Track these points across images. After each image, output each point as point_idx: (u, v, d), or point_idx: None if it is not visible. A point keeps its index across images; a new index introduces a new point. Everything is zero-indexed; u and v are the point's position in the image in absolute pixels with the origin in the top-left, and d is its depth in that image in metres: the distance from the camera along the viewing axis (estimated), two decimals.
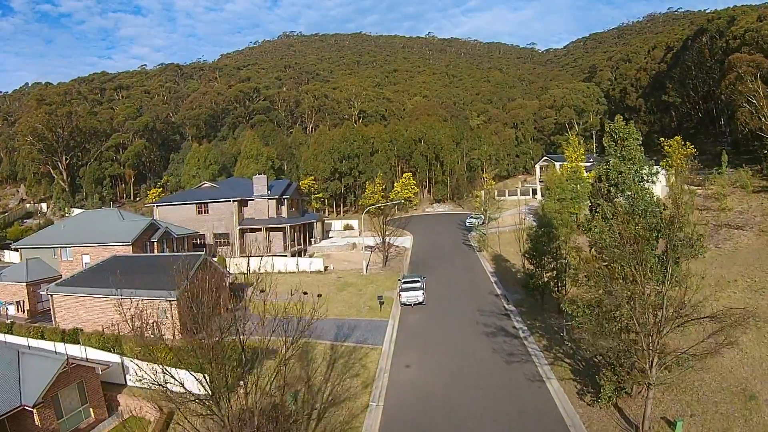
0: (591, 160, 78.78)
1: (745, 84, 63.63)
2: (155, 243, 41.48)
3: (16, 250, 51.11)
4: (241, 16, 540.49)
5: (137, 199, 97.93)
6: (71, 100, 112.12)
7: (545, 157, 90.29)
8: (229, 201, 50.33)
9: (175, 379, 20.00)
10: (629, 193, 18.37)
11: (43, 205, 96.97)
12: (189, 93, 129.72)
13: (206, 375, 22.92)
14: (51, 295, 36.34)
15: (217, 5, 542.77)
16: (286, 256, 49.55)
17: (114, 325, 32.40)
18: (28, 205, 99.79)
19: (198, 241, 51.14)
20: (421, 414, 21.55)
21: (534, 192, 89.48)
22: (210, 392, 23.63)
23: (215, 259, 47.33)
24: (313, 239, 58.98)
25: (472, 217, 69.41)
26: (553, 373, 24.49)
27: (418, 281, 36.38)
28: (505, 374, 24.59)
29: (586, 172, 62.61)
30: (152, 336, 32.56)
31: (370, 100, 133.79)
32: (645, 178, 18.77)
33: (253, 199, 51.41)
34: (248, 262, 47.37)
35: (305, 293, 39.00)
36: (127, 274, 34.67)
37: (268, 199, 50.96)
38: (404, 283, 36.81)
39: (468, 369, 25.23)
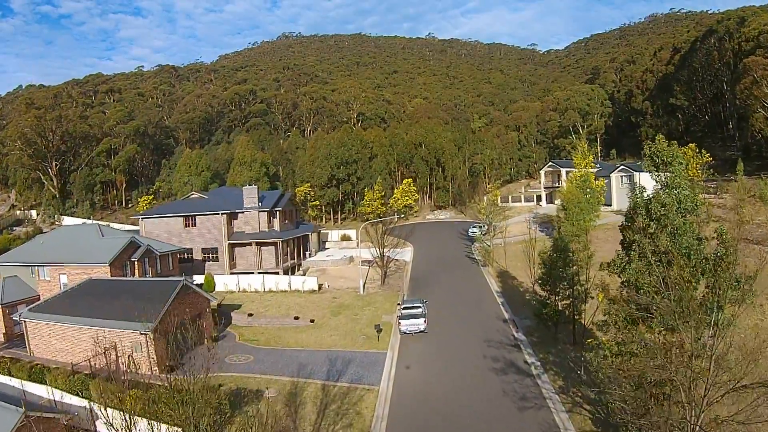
0: (598, 165, 75.77)
1: (760, 88, 60.87)
2: (136, 262, 38.56)
3: None
4: (240, 17, 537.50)
5: (129, 205, 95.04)
6: (61, 103, 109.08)
7: (550, 163, 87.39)
8: (218, 214, 47.40)
9: None
10: (671, 229, 15.48)
11: (33, 212, 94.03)
12: (184, 95, 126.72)
13: (180, 428, 20.09)
14: (24, 322, 33.64)
15: (216, 6, 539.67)
16: (278, 273, 46.66)
17: (86, 360, 29.56)
18: (18, 212, 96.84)
19: (186, 256, 48.25)
20: None
21: (539, 198, 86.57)
22: None
23: (202, 277, 44.58)
24: (308, 252, 56.08)
25: (474, 226, 66.51)
26: (572, 423, 21.61)
27: (419, 307, 33.40)
28: (518, 424, 21.69)
29: (595, 179, 59.77)
30: (128, 370, 29.89)
31: (369, 103, 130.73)
32: (689, 210, 15.88)
33: (243, 212, 48.50)
34: (238, 280, 44.65)
35: (297, 318, 36.19)
36: (101, 301, 32.02)
37: (259, 211, 48.03)
38: (404, 309, 33.83)
39: (477, 417, 22.32)
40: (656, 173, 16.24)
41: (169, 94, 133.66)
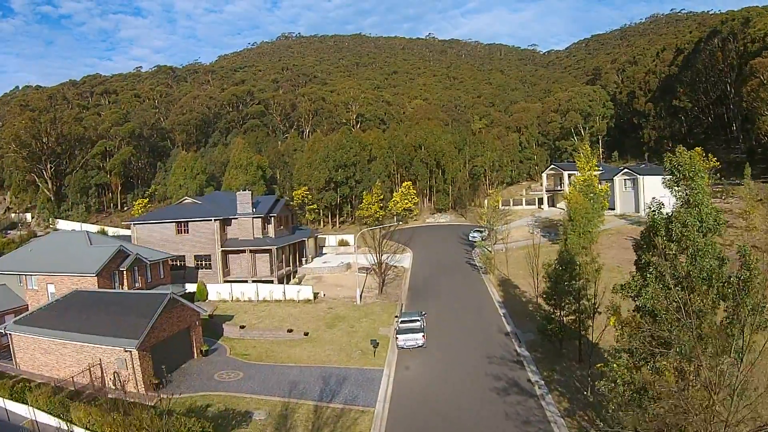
0: (601, 168, 74.45)
1: (767, 91, 59.56)
2: (125, 272, 37.23)
3: None
4: (240, 17, 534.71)
5: (125, 209, 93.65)
6: (56, 105, 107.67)
7: (552, 166, 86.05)
8: (211, 220, 46.05)
9: None
10: (692, 251, 14.12)
11: (28, 215, 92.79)
12: (181, 97, 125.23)
13: None
14: (9, 334, 32.44)
15: (216, 7, 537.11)
16: (272, 281, 45.31)
17: (71, 377, 28.27)
18: (13, 214, 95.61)
19: (178, 263, 46.93)
20: None
21: (540, 201, 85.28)
22: None
23: (195, 286, 43.28)
24: (304, 258, 54.71)
25: (475, 231, 65.21)
26: None
27: (417, 320, 32.06)
28: None
29: (599, 182, 58.44)
30: (113, 387, 28.65)
31: (368, 104, 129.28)
32: (711, 228, 14.52)
33: (236, 218, 47.14)
34: (231, 289, 43.38)
35: (290, 331, 34.84)
36: (86, 314, 30.80)
37: (253, 218, 46.66)
38: (401, 322, 32.46)
39: None
40: (676, 189, 14.87)
41: (166, 95, 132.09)
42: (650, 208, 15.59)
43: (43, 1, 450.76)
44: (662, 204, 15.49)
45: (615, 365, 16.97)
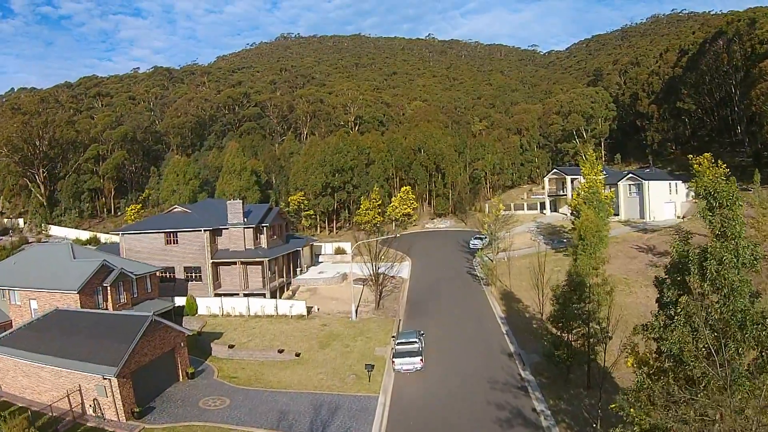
0: (605, 172, 72.62)
1: None
2: (109, 288, 35.47)
3: None
4: (240, 18, 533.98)
5: (118, 214, 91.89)
6: (48, 108, 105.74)
7: (555, 170, 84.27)
8: (200, 230, 44.24)
9: None
10: (727, 291, 12.39)
11: (21, 221, 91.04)
12: (176, 99, 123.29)
13: None
14: None
15: (216, 7, 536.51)
16: (264, 294, 43.52)
17: (49, 404, 26.53)
18: (5, 220, 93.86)
19: (167, 275, 45.16)
20: None
21: (542, 206, 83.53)
22: None
23: (185, 299, 41.55)
24: (299, 269, 52.92)
25: (476, 238, 63.50)
26: None
27: (415, 342, 30.28)
28: None
29: (604, 188, 56.63)
30: (93, 415, 26.97)
31: (367, 105, 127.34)
32: (747, 264, 12.80)
33: (227, 228, 45.34)
34: (221, 303, 41.65)
35: (281, 351, 33.05)
36: (66, 335, 29.11)
37: (245, 228, 44.84)
38: (398, 344, 30.66)
39: None
40: (710, 217, 13.11)
41: (161, 97, 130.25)
42: (677, 241, 13.78)
43: (43, 2, 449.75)
44: (689, 235, 13.73)
45: (632, 411, 15.26)
